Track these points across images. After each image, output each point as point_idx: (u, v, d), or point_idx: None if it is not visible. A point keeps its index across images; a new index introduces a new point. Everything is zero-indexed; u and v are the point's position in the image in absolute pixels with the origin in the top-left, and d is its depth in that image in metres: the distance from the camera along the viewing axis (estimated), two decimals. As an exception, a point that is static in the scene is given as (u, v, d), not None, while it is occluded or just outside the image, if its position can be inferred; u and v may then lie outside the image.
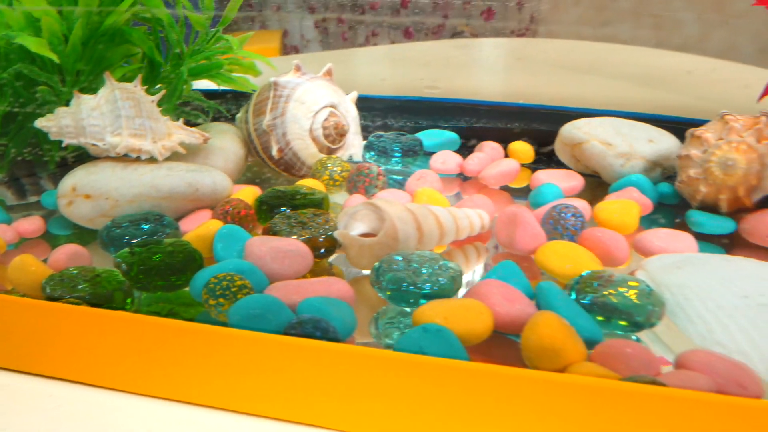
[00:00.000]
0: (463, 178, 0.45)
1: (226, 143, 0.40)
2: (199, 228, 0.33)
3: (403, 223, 0.32)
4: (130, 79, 0.37)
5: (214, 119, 0.45)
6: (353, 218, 0.33)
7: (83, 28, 0.34)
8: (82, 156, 0.39)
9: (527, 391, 0.23)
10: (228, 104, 0.49)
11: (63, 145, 0.34)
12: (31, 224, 0.35)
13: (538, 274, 0.34)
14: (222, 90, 0.43)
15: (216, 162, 0.38)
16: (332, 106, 0.41)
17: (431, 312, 0.27)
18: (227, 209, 0.34)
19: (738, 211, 0.37)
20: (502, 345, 0.28)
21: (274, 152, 0.40)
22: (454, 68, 0.66)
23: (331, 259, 0.35)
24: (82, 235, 0.36)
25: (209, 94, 0.47)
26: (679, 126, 0.42)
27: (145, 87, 0.36)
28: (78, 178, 0.34)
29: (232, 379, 0.26)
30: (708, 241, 0.37)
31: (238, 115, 0.43)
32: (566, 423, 0.23)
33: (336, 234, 0.32)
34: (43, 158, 0.39)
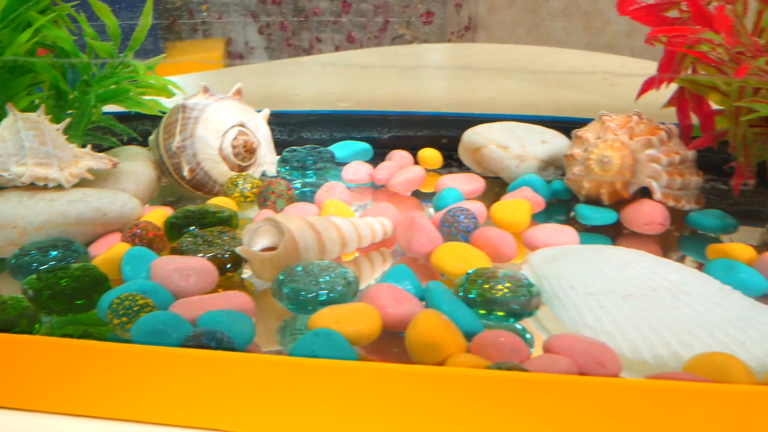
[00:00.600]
0: (374, 186, 0.47)
1: (136, 166, 0.41)
2: (107, 252, 0.34)
3: (303, 235, 0.34)
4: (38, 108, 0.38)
5: (128, 142, 0.46)
6: (256, 234, 0.34)
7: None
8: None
9: (406, 383, 0.25)
10: (145, 126, 0.50)
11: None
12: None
13: (438, 275, 0.36)
14: (135, 113, 0.44)
15: (126, 186, 0.39)
16: (241, 125, 0.43)
17: (323, 317, 0.29)
18: (135, 232, 0.35)
19: (618, 203, 0.40)
20: (396, 343, 0.31)
21: (185, 173, 0.41)
22: (378, 77, 0.68)
23: (245, 274, 0.36)
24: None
25: (124, 117, 0.48)
26: (579, 125, 0.44)
27: (49, 117, 0.37)
28: (-16, 208, 0.35)
29: (136, 392, 0.27)
30: (597, 232, 0.40)
31: (151, 138, 0.44)
32: (443, 412, 0.25)
33: (238, 250, 0.33)
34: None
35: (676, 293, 0.31)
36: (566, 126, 0.47)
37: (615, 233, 0.40)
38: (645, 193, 0.40)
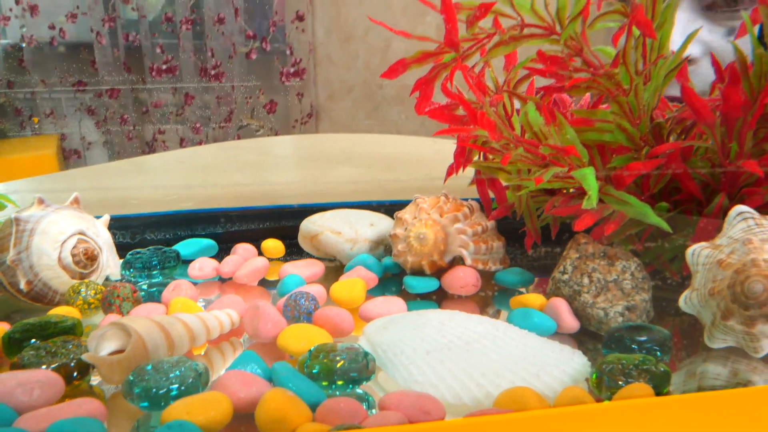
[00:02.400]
0: (221, 280, 0.49)
1: (-34, 285, 0.40)
2: (-64, 377, 0.33)
3: (150, 335, 0.35)
4: None
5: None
6: (102, 339, 0.35)
7: None
8: None
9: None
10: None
11: None
12: None
13: (285, 356, 0.39)
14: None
15: (-45, 305, 0.38)
16: (81, 233, 0.44)
17: (174, 410, 0.30)
18: (-31, 352, 0.34)
19: (438, 272, 0.47)
20: (248, 424, 0.33)
21: (23, 286, 0.41)
22: (219, 173, 0.71)
23: (94, 381, 0.37)
24: None
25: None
26: (401, 207, 0.50)
27: None
28: None
29: None
30: (424, 299, 0.46)
31: (-19, 254, 0.43)
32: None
33: (84, 356, 0.34)
34: None
35: (484, 342, 0.36)
36: (391, 208, 0.53)
37: (439, 298, 0.46)
38: (459, 260, 0.47)
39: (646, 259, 0.44)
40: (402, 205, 0.51)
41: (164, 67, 2.63)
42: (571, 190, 0.42)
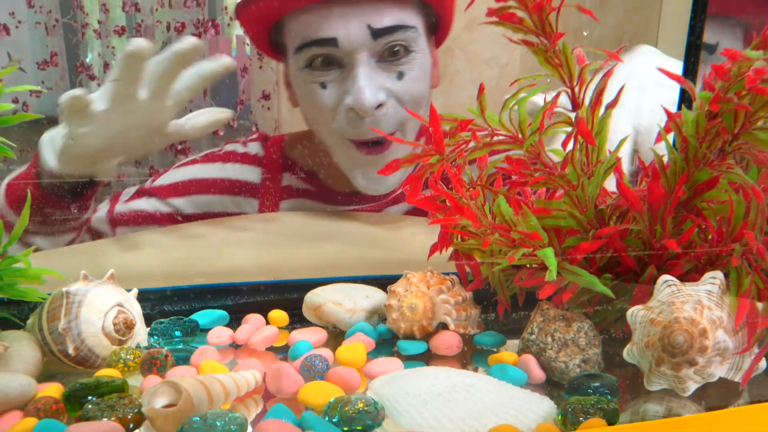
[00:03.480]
0: (235, 346, 0.56)
1: (23, 349, 0.46)
2: (14, 427, 0.39)
3: (196, 391, 0.42)
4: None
5: (5, 327, 0.50)
6: (154, 395, 0.42)
7: None
8: None
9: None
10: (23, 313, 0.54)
11: None
12: None
13: (302, 409, 0.46)
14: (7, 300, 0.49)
15: (17, 366, 0.44)
16: (119, 305, 0.50)
17: (228, 450, 0.37)
18: (39, 406, 0.40)
19: (426, 336, 0.55)
20: (283, 464, 0.39)
21: (71, 351, 0.47)
22: (221, 249, 0.78)
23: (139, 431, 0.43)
24: None
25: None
26: (391, 281, 0.59)
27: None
28: None
29: None
30: (415, 359, 0.54)
31: (29, 321, 0.49)
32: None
33: (144, 410, 0.40)
34: None
35: (471, 391, 0.45)
36: (381, 282, 0.62)
37: (428, 358, 0.54)
38: (443, 326, 0.55)
39: (596, 319, 0.53)
40: (388, 279, 0.59)
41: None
42: (535, 265, 0.52)
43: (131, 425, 0.41)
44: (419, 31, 0.77)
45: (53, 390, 0.43)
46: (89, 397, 0.43)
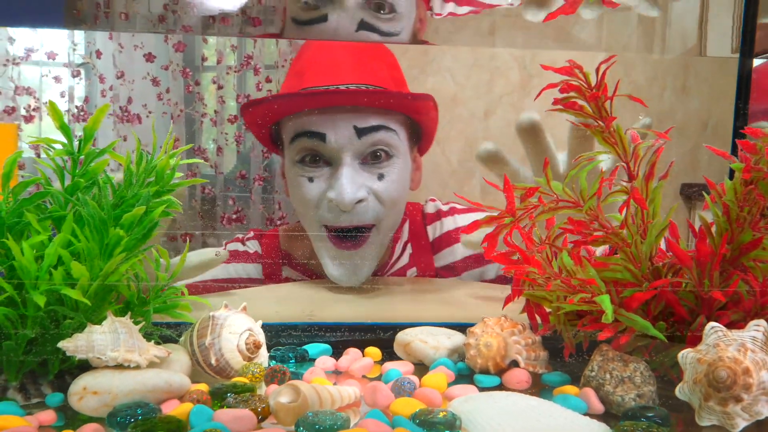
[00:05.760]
0: (337, 373, 0.67)
1: (180, 356, 0.59)
2: (176, 409, 0.51)
3: (310, 394, 0.53)
4: (118, 313, 0.57)
5: (166, 342, 0.63)
6: (279, 394, 0.53)
7: (98, 285, 0.54)
8: (71, 369, 0.56)
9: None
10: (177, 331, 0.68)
11: (76, 359, 0.52)
12: (48, 415, 0.50)
13: (391, 417, 0.55)
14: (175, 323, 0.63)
15: (176, 368, 0.57)
16: (250, 330, 0.63)
17: (337, 433, 0.47)
18: (194, 396, 0.52)
19: (500, 372, 0.63)
20: (377, 454, 0.49)
21: (213, 362, 0.60)
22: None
23: (264, 423, 0.53)
24: (84, 422, 0.51)
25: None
26: (465, 327, 0.68)
27: (132, 320, 0.56)
28: (87, 380, 0.51)
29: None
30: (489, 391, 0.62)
31: (182, 339, 0.63)
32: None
33: (271, 402, 0.51)
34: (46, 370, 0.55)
35: (536, 412, 0.52)
36: (461, 328, 0.71)
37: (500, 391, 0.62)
38: (515, 364, 0.63)
39: (653, 365, 0.60)
40: (462, 326, 0.68)
41: (234, 216, 2.95)
42: (595, 313, 0.60)
43: (260, 417, 0.52)
44: (401, 137, 0.88)
45: (202, 386, 0.56)
46: (228, 394, 0.54)
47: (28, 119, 0.56)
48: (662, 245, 0.64)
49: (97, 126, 0.60)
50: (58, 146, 0.59)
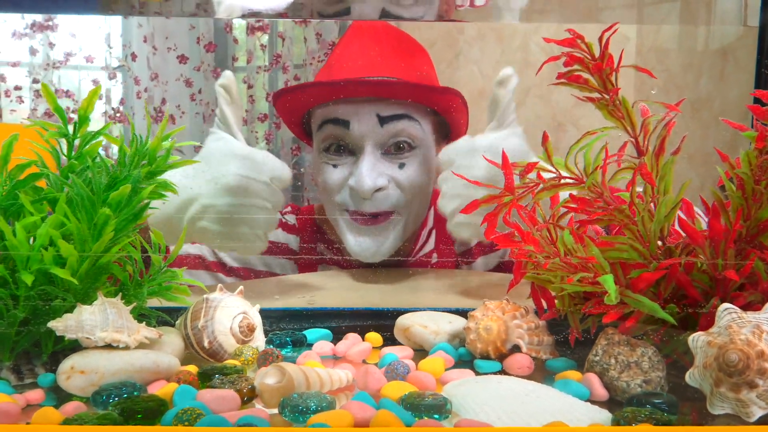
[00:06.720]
0: (335, 358, 0.65)
1: (172, 338, 0.58)
2: (162, 389, 0.50)
3: (296, 375, 0.52)
4: (110, 294, 0.56)
5: (162, 324, 0.63)
6: (265, 376, 0.52)
7: (88, 265, 0.54)
8: (65, 350, 0.56)
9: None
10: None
11: (67, 339, 0.52)
12: (36, 394, 0.50)
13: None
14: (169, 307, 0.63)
15: (166, 350, 0.56)
16: (245, 313, 0.62)
17: (315, 419, 0.46)
18: (180, 377, 0.52)
19: (500, 357, 0.61)
20: (362, 437, 0.47)
21: (206, 344, 0.59)
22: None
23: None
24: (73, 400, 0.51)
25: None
26: (465, 312, 0.66)
27: (123, 301, 0.55)
28: (75, 360, 0.51)
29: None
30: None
31: (178, 322, 0.62)
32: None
33: (256, 383, 0.50)
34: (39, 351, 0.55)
35: (532, 396, 0.50)
36: (464, 314, 0.68)
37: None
38: (517, 349, 0.61)
39: (664, 351, 0.56)
40: (465, 311, 0.66)
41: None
42: (600, 294, 0.56)
43: (246, 398, 0.51)
44: (425, 129, 0.90)
45: (191, 368, 0.55)
46: (216, 375, 0.54)
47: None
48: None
49: (91, 109, 0.60)
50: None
